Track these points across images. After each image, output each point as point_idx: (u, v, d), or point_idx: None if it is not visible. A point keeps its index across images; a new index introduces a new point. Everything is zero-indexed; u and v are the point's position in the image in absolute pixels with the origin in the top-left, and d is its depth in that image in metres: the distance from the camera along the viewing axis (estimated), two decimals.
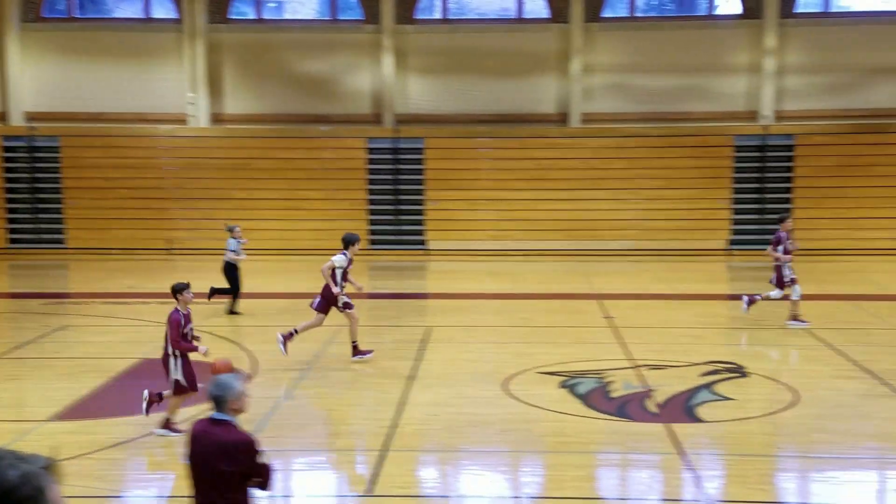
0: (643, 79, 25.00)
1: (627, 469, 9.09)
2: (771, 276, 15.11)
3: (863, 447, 9.39)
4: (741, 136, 24.26)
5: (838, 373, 12.16)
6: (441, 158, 25.10)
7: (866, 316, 15.98)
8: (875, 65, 24.09)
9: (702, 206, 24.22)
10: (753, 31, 24.41)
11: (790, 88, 24.49)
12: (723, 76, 24.81)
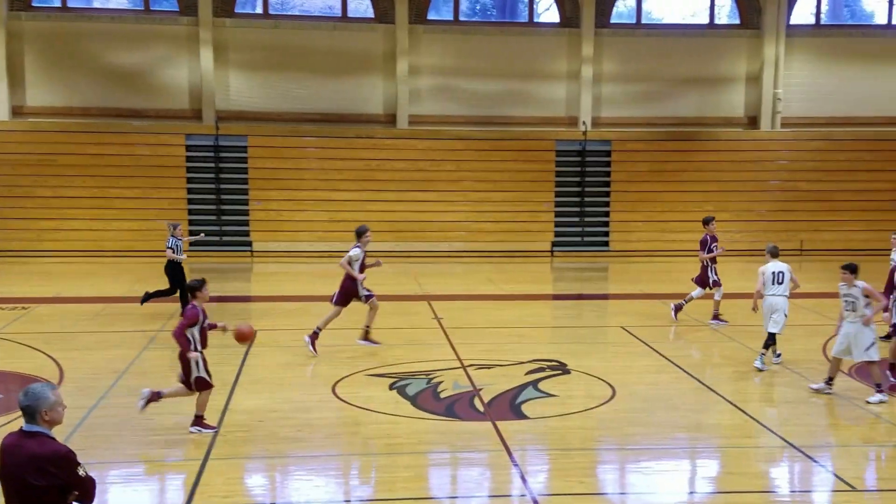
0: (469, 82, 25.41)
1: (457, 468, 9.15)
2: (694, 276, 15.71)
3: (674, 438, 9.85)
4: (562, 141, 25.08)
5: (651, 368, 12.74)
6: (265, 157, 24.61)
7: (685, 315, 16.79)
8: (683, 75, 25.48)
9: (526, 208, 24.86)
10: (572, 40, 25.30)
11: (607, 96, 25.54)
12: (544, 82, 25.56)
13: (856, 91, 25.43)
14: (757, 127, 25.44)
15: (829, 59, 25.50)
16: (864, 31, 25.87)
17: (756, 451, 9.50)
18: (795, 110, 25.39)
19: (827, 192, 24.77)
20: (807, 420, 10.58)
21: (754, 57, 25.33)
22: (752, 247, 24.25)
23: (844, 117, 25.49)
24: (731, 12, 25.80)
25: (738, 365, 13.04)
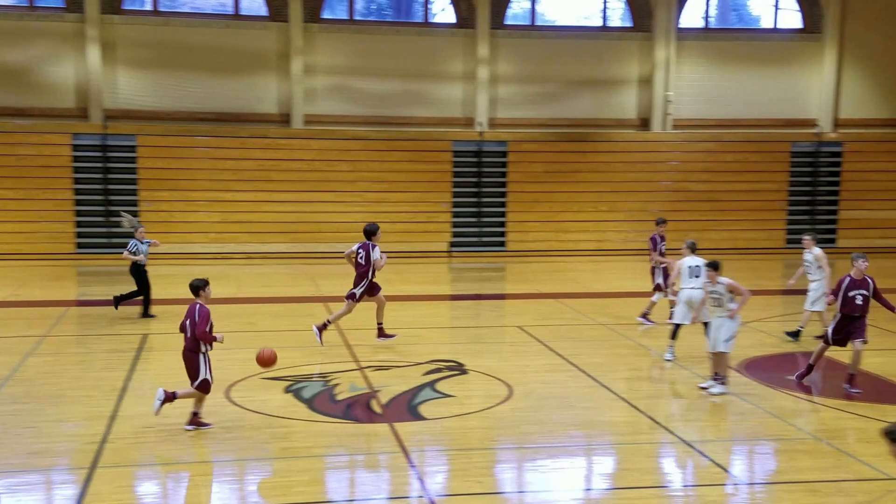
0: (365, 82, 25.25)
1: (354, 470, 9.02)
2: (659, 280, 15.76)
3: (569, 435, 9.95)
4: (459, 141, 25.15)
5: (548, 367, 12.86)
6: (155, 157, 23.93)
7: (571, 312, 17.04)
8: (577, 77, 25.88)
9: (424, 209, 24.84)
10: (467, 41, 25.40)
11: (502, 97, 25.73)
12: (441, 83, 25.59)
13: (743, 94, 26.28)
14: (649, 128, 26.03)
15: (717, 63, 26.28)
16: (751, 35, 26.75)
17: (649, 447, 9.67)
18: (686, 112, 26.08)
19: (716, 193, 25.52)
20: (697, 416, 10.83)
21: (646, 59, 25.91)
22: (644, 246, 24.82)
23: (733, 119, 26.31)
24: (624, 15, 26.35)
25: (632, 362, 13.28)
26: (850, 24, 26.14)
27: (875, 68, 26.50)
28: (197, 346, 9.59)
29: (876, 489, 8.32)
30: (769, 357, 13.58)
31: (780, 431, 10.16)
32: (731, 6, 27.65)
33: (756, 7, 27.49)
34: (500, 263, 24.41)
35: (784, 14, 26.56)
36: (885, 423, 10.44)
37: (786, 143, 25.95)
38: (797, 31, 26.49)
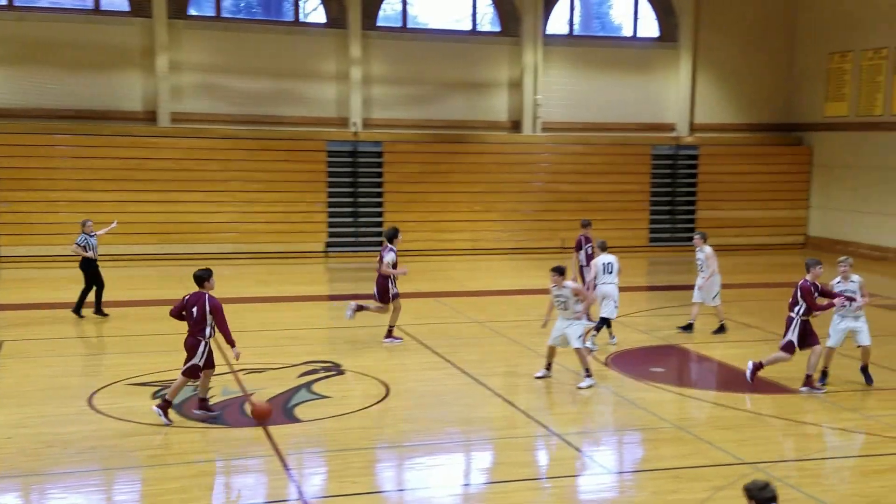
0: (234, 81, 24.82)
1: (229, 476, 8.90)
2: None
3: (446, 432, 10.09)
4: (333, 141, 25.01)
5: (425, 365, 12.99)
6: (12, 156, 22.86)
7: (448, 311, 17.23)
8: (450, 79, 26.13)
9: (299, 209, 24.60)
10: (340, 41, 25.30)
11: (376, 98, 25.74)
12: (314, 83, 25.39)
13: (607, 98, 27.09)
14: (520, 131, 26.51)
15: (583, 68, 27.01)
16: (613, 42, 27.61)
17: (524, 441, 9.90)
18: (555, 115, 26.69)
19: (584, 193, 26.22)
20: (568, 409, 11.16)
21: (515, 64, 26.41)
22: (518, 245, 25.33)
23: (598, 123, 27.09)
24: (493, 20, 26.76)
25: (508, 359, 13.54)
26: (703, 34, 27.32)
27: (727, 76, 27.78)
28: (202, 332, 9.99)
29: (732, 474, 8.77)
30: (635, 350, 14.09)
31: (645, 421, 10.57)
32: (593, 14, 28.47)
33: (617, 16, 28.40)
34: (376, 263, 24.38)
35: (643, 23, 27.53)
36: (739, 411, 11.04)
37: (647, 146, 26.91)
38: (655, 40, 27.50)
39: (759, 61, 27.57)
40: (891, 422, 10.43)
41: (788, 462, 9.07)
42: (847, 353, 13.77)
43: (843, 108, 25.74)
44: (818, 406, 11.04)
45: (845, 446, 9.34)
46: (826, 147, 26.62)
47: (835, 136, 26.17)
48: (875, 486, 8.48)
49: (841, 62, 25.75)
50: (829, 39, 26.09)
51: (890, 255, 24.07)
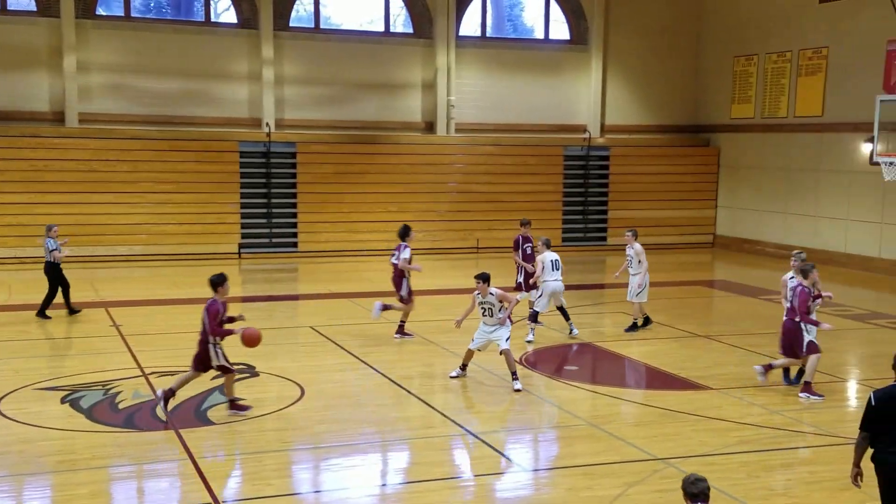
0: (145, 81, 24.32)
1: (140, 480, 8.74)
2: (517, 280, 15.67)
3: (361, 433, 10.09)
4: (246, 142, 24.71)
5: (340, 366, 12.97)
6: None
7: (363, 312, 17.18)
8: (364, 80, 26.07)
9: (211, 210, 24.24)
10: (252, 41, 25.02)
11: (290, 98, 25.52)
12: (226, 83, 25.06)
13: (520, 100, 27.38)
14: (434, 132, 26.62)
15: (496, 70, 27.25)
16: (525, 45, 27.92)
17: (440, 441, 9.96)
18: (468, 117, 26.87)
19: (498, 194, 26.47)
20: (484, 408, 11.27)
21: (428, 65, 26.50)
22: (434, 246, 25.39)
23: (511, 124, 27.37)
24: (406, 22, 26.80)
25: (424, 359, 13.60)
26: (612, 37, 27.86)
27: (636, 78, 28.38)
28: (206, 336, 10.21)
29: (643, 469, 8.99)
30: (549, 349, 14.30)
31: (560, 419, 10.77)
32: (505, 17, 28.73)
33: (529, 18, 28.72)
34: (291, 264, 24.21)
35: (554, 26, 27.91)
36: (651, 407, 11.32)
37: (559, 148, 27.31)
38: (566, 43, 27.91)
39: (668, 64, 28.25)
40: (796, 416, 10.81)
41: (698, 457, 9.32)
42: (756, 349, 14.25)
43: (749, 109, 26.55)
44: (727, 402, 11.37)
45: (753, 441, 9.66)
46: (733, 148, 27.42)
47: (741, 137, 26.97)
48: (781, 479, 8.77)
49: (746, 65, 26.56)
50: (734, 43, 26.89)
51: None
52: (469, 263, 24.08)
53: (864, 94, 20.27)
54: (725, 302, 19.59)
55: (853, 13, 22.91)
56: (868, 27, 22.19)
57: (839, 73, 23.43)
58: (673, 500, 8.22)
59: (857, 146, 22.17)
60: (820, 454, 9.59)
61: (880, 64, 21.85)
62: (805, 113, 24.58)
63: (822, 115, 24.05)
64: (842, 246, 23.51)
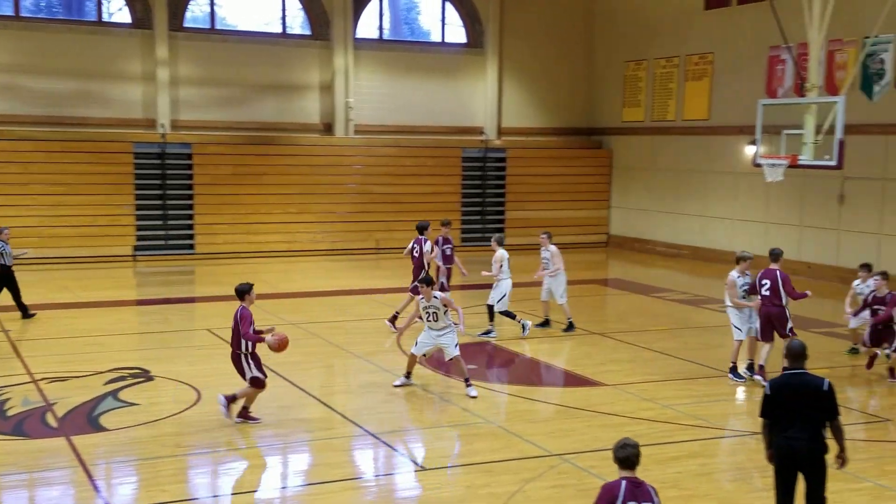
0: (36, 81, 23.58)
1: (30, 489, 8.51)
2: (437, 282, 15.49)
3: (261, 436, 10.03)
4: (140, 143, 24.17)
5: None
6: None
7: (262, 313, 16.99)
8: (261, 82, 25.80)
9: (105, 212, 23.62)
10: (145, 42, 24.50)
11: (185, 99, 25.07)
12: (119, 83, 24.48)
13: (419, 102, 27.54)
14: (332, 133, 26.52)
15: (394, 72, 27.33)
16: (423, 47, 28.07)
17: (340, 442, 9.99)
18: (367, 118, 26.86)
19: (398, 195, 26.55)
20: (386, 408, 11.32)
21: (326, 67, 26.40)
22: (333, 246, 25.35)
23: (410, 126, 27.49)
24: (303, 23, 26.63)
25: (324, 360, 13.59)
26: (508, 41, 28.28)
27: (532, 82, 28.87)
28: (239, 346, 10.06)
29: (540, 466, 9.20)
30: None
31: (459, 418, 10.91)
32: (402, 20, 28.84)
33: (426, 22, 28.89)
34: (188, 266, 23.78)
35: (451, 29, 28.17)
36: (547, 404, 11.60)
37: (457, 149, 27.58)
38: (463, 46, 28.21)
39: (562, 68, 28.83)
40: (686, 410, 11.20)
41: (592, 452, 9.56)
42: (647, 346, 14.70)
43: (640, 113, 27.33)
44: (621, 398, 11.70)
45: (645, 435, 9.97)
46: (624, 150, 28.17)
47: (632, 139, 27.74)
48: (672, 472, 9.05)
49: (636, 70, 27.33)
50: (624, 48, 27.63)
51: (684, 251, 25.76)
52: (369, 264, 24.15)
53: (748, 98, 21.10)
54: (619, 299, 20.14)
55: (736, 20, 23.83)
56: (750, 34, 23.12)
57: (724, 77, 24.34)
58: (567, 495, 8.48)
59: (741, 148, 23.07)
60: (708, 446, 9.99)
61: (762, 69, 22.85)
62: (692, 116, 25.46)
63: (708, 119, 24.96)
64: (728, 244, 24.40)
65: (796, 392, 6.93)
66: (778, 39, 18.26)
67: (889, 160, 20.25)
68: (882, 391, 12.02)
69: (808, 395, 6.91)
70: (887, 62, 19.90)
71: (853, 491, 8.58)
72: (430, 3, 28.13)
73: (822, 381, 6.97)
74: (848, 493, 8.55)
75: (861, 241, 20.65)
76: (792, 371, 7.06)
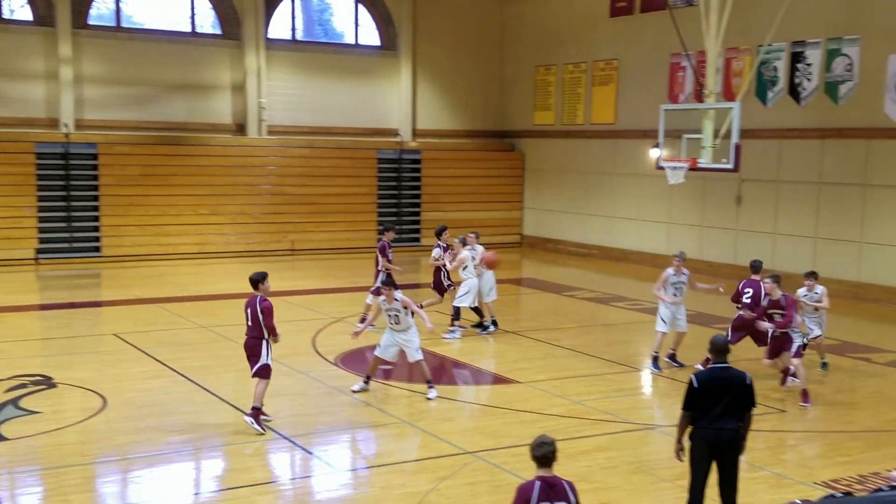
0: None
1: None
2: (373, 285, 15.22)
3: (169, 442, 9.83)
4: (43, 143, 23.44)
5: (146, 374, 12.56)
6: None
7: (171, 317, 16.73)
8: (170, 81, 25.31)
9: (6, 214, 22.85)
10: (48, 39, 23.80)
11: (91, 98, 24.43)
12: (20, 82, 23.72)
13: (333, 103, 27.37)
14: (245, 134, 26.18)
15: (307, 73, 27.11)
16: (336, 49, 27.90)
17: (253, 446, 9.85)
18: (280, 119, 26.58)
19: (313, 196, 26.35)
20: (299, 411, 11.23)
21: (238, 67, 26.04)
22: (248, 248, 25.01)
23: (325, 127, 27.30)
24: (214, 23, 26.21)
25: (236, 364, 13.36)
26: (421, 44, 28.37)
27: (446, 85, 29.01)
28: (260, 333, 10.12)
29: (454, 463, 9.26)
30: (364, 349, 14.38)
31: (375, 418, 10.89)
32: (315, 21, 28.65)
33: (339, 23, 28.73)
34: (94, 269, 23.15)
35: (365, 31, 28.07)
36: (462, 402, 11.67)
37: (373, 151, 27.53)
38: (377, 48, 28.18)
39: (475, 72, 29.06)
40: (595, 405, 11.42)
41: (506, 448, 9.67)
42: (559, 343, 14.92)
43: (550, 117, 27.74)
44: (533, 394, 11.84)
45: (557, 430, 10.11)
46: (536, 153, 28.55)
47: (543, 142, 28.14)
48: (582, 466, 9.21)
49: (546, 74, 27.72)
50: (535, 53, 27.98)
51: (594, 251, 26.24)
52: (285, 265, 23.89)
53: (651, 103, 21.63)
54: (532, 299, 20.39)
55: (639, 28, 24.40)
56: (653, 41, 23.70)
57: (629, 83, 24.89)
58: (481, 491, 8.56)
59: (645, 151, 23.60)
60: (616, 440, 10.20)
61: (665, 75, 23.45)
62: (599, 120, 25.96)
63: (614, 123, 25.48)
64: (635, 244, 25.01)
65: (725, 386, 7.30)
66: (679, 47, 18.77)
67: (782, 163, 21.02)
68: (775, 383, 12.44)
69: (735, 389, 7.30)
70: (780, 70, 20.64)
71: (752, 479, 8.88)
72: (344, 5, 28.01)
73: (746, 376, 7.39)
74: (747, 481, 8.82)
75: (757, 241, 21.38)
76: (718, 365, 7.42)
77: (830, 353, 13.84)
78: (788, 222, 20.88)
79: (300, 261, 24.80)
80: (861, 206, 19.42)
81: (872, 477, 8.99)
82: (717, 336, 7.63)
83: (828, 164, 20.06)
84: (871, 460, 9.52)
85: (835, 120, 19.69)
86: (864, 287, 19.29)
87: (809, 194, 20.41)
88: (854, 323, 17.25)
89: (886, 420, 10.88)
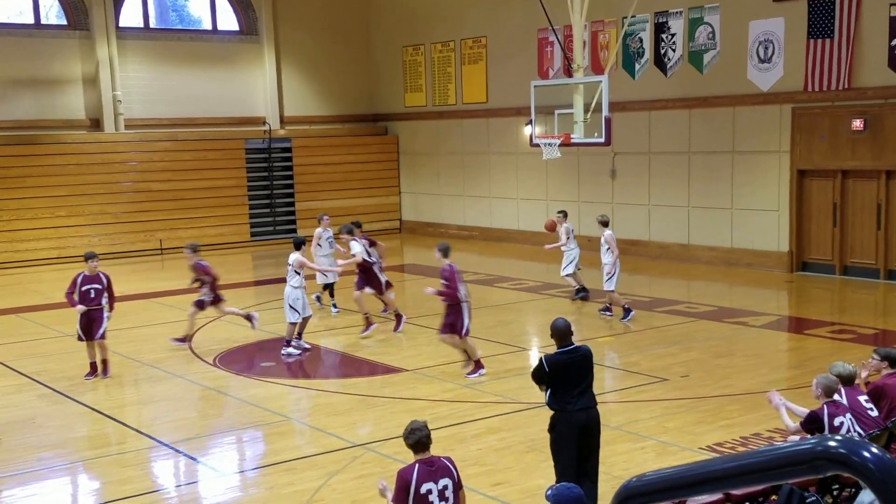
0: None
1: None
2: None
3: (38, 458, 9.22)
4: None
5: (10, 389, 11.78)
6: None
7: (33, 326, 15.77)
8: (16, 77, 23.83)
9: None
10: None
11: None
12: None
13: (194, 93, 26.36)
14: (101, 129, 24.95)
15: (164, 62, 25.99)
16: (193, 35, 26.83)
17: (132, 455, 9.35)
18: (138, 112, 25.43)
19: (178, 192, 25.37)
20: (175, 416, 10.72)
21: (88, 59, 24.72)
22: (112, 249, 23.85)
23: (187, 118, 26.28)
24: (60, 13, 24.82)
25: (111, 371, 12.67)
26: (283, 29, 27.62)
27: (312, 70, 28.36)
28: None
29: (344, 457, 8.99)
30: (243, 347, 13.93)
31: (258, 418, 10.49)
32: (169, 7, 27.48)
33: (195, 9, 27.65)
34: None
35: (223, 16, 27.07)
36: (348, 395, 11.36)
37: (240, 141, 26.70)
38: (237, 34, 27.26)
39: (341, 55, 28.52)
40: (484, 388, 11.31)
41: (396, 438, 9.42)
42: (434, 327, 14.75)
43: (421, 98, 27.50)
44: (421, 382, 11.66)
45: (447, 416, 9.98)
46: (409, 136, 28.28)
47: (416, 124, 27.88)
48: (474, 449, 9.12)
49: (414, 55, 27.46)
50: (402, 33, 27.67)
51: (475, 232, 26.21)
52: (153, 265, 22.96)
53: (521, 80, 21.66)
54: (414, 285, 20.18)
55: (506, 4, 24.33)
56: (520, 17, 23.70)
57: (498, 61, 24.89)
58: (372, 483, 8.26)
59: (519, 129, 23.70)
60: (506, 421, 10.11)
61: (533, 51, 23.55)
62: (472, 100, 25.89)
63: (486, 102, 25.46)
64: (514, 223, 25.11)
65: (579, 367, 7.27)
66: (545, 22, 18.83)
67: (652, 135, 21.41)
68: (661, 352, 12.62)
69: (586, 366, 7.33)
70: (645, 41, 21.00)
71: (638, 450, 8.96)
72: None
73: (587, 348, 7.47)
74: (633, 452, 8.92)
75: (633, 213, 21.76)
76: (567, 348, 7.36)
77: (707, 320, 14.15)
78: (662, 193, 21.29)
79: (169, 260, 23.87)
80: (730, 173, 19.95)
81: (754, 438, 9.17)
82: (558, 320, 7.55)
83: (696, 134, 20.53)
84: (752, 422, 9.71)
85: (700, 89, 20.14)
86: (736, 252, 19.83)
87: (680, 164, 20.84)
88: (728, 289, 17.74)
89: (765, 381, 11.14)
